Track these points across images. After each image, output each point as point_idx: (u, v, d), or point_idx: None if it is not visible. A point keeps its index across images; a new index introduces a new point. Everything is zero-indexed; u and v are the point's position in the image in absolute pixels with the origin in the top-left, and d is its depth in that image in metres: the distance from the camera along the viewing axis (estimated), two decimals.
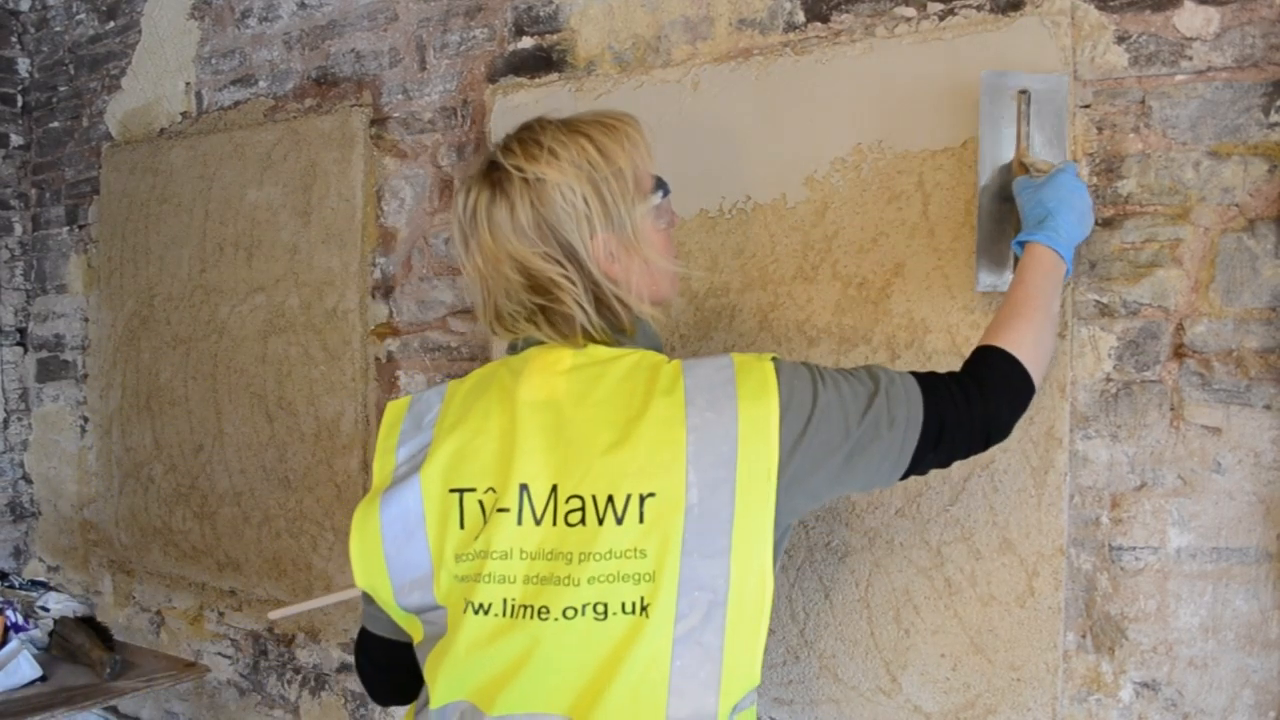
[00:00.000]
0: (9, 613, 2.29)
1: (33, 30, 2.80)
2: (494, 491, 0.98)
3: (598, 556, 0.93)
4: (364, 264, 2.04)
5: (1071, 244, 1.16)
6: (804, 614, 1.51)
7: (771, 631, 1.53)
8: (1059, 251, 1.14)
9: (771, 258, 1.53)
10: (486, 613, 0.96)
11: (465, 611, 0.97)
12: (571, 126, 1.03)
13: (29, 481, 2.87)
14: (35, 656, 2.16)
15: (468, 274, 1.07)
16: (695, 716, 0.93)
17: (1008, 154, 1.29)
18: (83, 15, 2.65)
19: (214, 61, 2.33)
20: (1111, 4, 1.29)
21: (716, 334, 1.58)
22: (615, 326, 1.03)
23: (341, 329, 2.07)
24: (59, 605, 2.58)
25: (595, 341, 1.02)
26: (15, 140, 2.83)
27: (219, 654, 2.38)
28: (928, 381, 1.02)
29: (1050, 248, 1.14)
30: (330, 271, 2.08)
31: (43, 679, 2.12)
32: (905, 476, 1.02)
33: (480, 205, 1.03)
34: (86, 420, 2.67)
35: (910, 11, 1.42)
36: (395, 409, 1.09)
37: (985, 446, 1.06)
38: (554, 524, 0.95)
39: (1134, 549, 1.30)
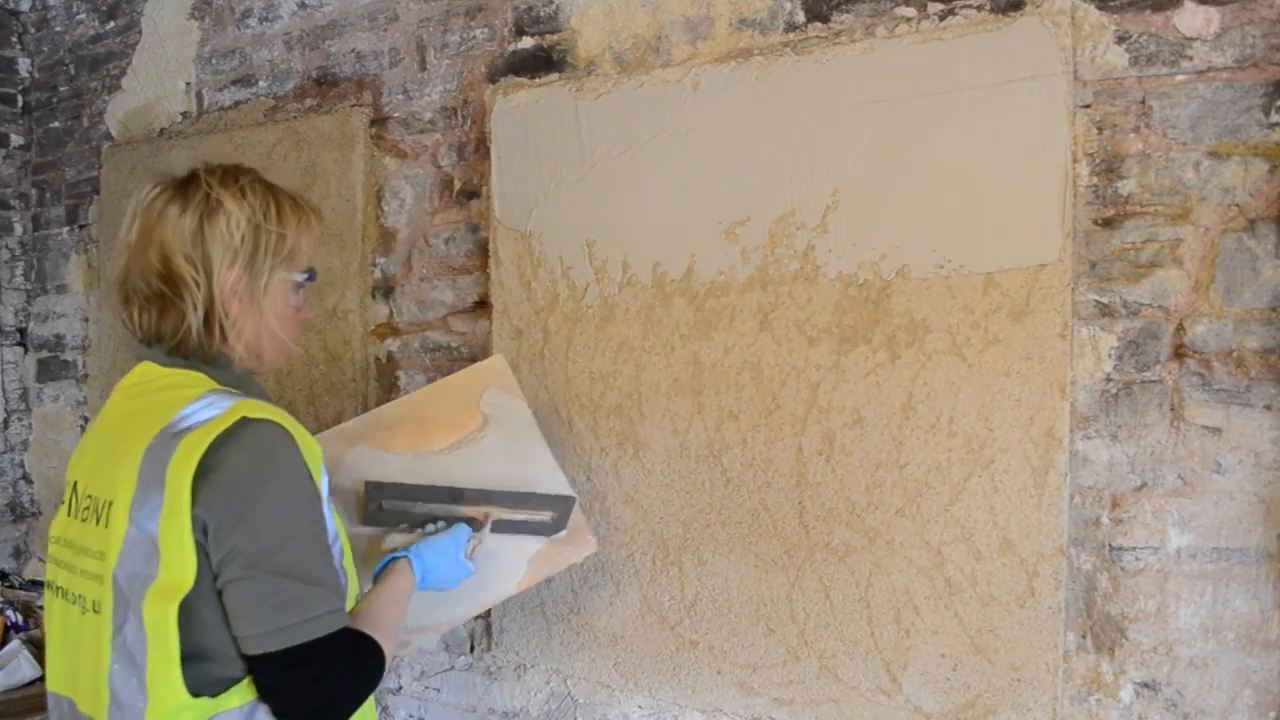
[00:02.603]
0: (9, 613, 2.29)
1: (33, 30, 2.80)
2: (73, 484, 1.15)
3: (84, 551, 1.08)
4: (364, 264, 2.04)
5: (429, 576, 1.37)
6: (804, 614, 1.51)
7: (771, 632, 1.53)
8: (419, 577, 1.34)
9: (773, 258, 1.53)
10: (49, 590, 1.14)
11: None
12: (271, 186, 1.19)
13: (29, 481, 2.87)
14: (35, 656, 2.16)
15: (118, 252, 1.17)
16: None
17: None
18: (83, 15, 2.65)
19: (214, 61, 2.33)
20: (1112, 4, 1.29)
21: (716, 334, 1.58)
22: (208, 348, 1.14)
23: (341, 329, 2.07)
24: None
25: (181, 350, 1.14)
26: (15, 140, 2.83)
27: None
28: (343, 636, 1.07)
29: (415, 571, 1.34)
30: (330, 271, 2.08)
31: (43, 679, 2.12)
32: (250, 667, 1.05)
33: (160, 197, 1.15)
34: (87, 420, 2.67)
35: (910, 11, 1.42)
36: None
37: (312, 716, 1.08)
38: (75, 517, 1.12)
39: (1134, 549, 1.30)
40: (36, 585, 2.71)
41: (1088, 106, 1.31)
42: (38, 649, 2.24)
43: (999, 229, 1.35)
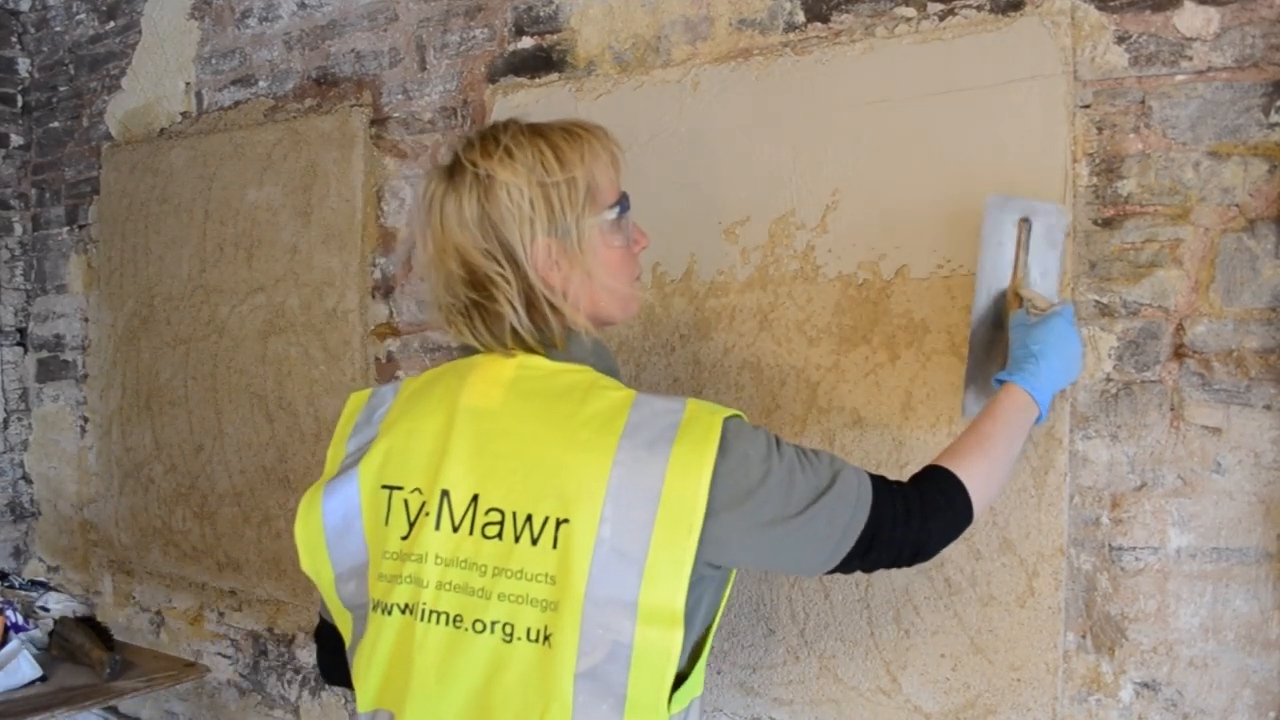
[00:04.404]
0: (9, 613, 2.29)
1: (33, 30, 2.80)
2: (419, 492, 0.99)
3: (510, 574, 0.94)
4: (364, 264, 2.04)
5: (1051, 390, 1.15)
6: (804, 614, 1.51)
7: (771, 632, 1.53)
8: (1035, 396, 1.13)
9: (773, 258, 1.53)
10: (404, 613, 0.98)
11: (383, 612, 1.00)
12: (535, 130, 1.03)
13: (29, 481, 2.87)
14: (35, 656, 2.15)
15: (421, 265, 1.07)
16: None
17: (1004, 282, 1.28)
18: (83, 15, 2.65)
19: (214, 61, 2.33)
20: (1111, 4, 1.29)
21: (717, 334, 1.58)
22: (545, 334, 1.01)
23: (341, 329, 2.07)
24: (59, 605, 2.57)
25: (526, 347, 1.01)
26: (15, 140, 2.83)
27: (219, 654, 2.38)
28: (880, 491, 1.00)
29: (1027, 391, 1.13)
30: (330, 272, 2.08)
31: (43, 679, 2.12)
32: (831, 573, 1.01)
33: (435, 195, 1.03)
34: (86, 420, 2.67)
35: (910, 11, 1.42)
36: (355, 401, 1.12)
37: (910, 564, 1.05)
38: (470, 533, 0.96)
39: (1134, 549, 1.30)
40: (37, 585, 2.71)
41: (1087, 106, 1.31)
42: (38, 649, 2.24)
43: None
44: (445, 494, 0.98)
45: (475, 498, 0.97)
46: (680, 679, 0.98)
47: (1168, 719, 1.29)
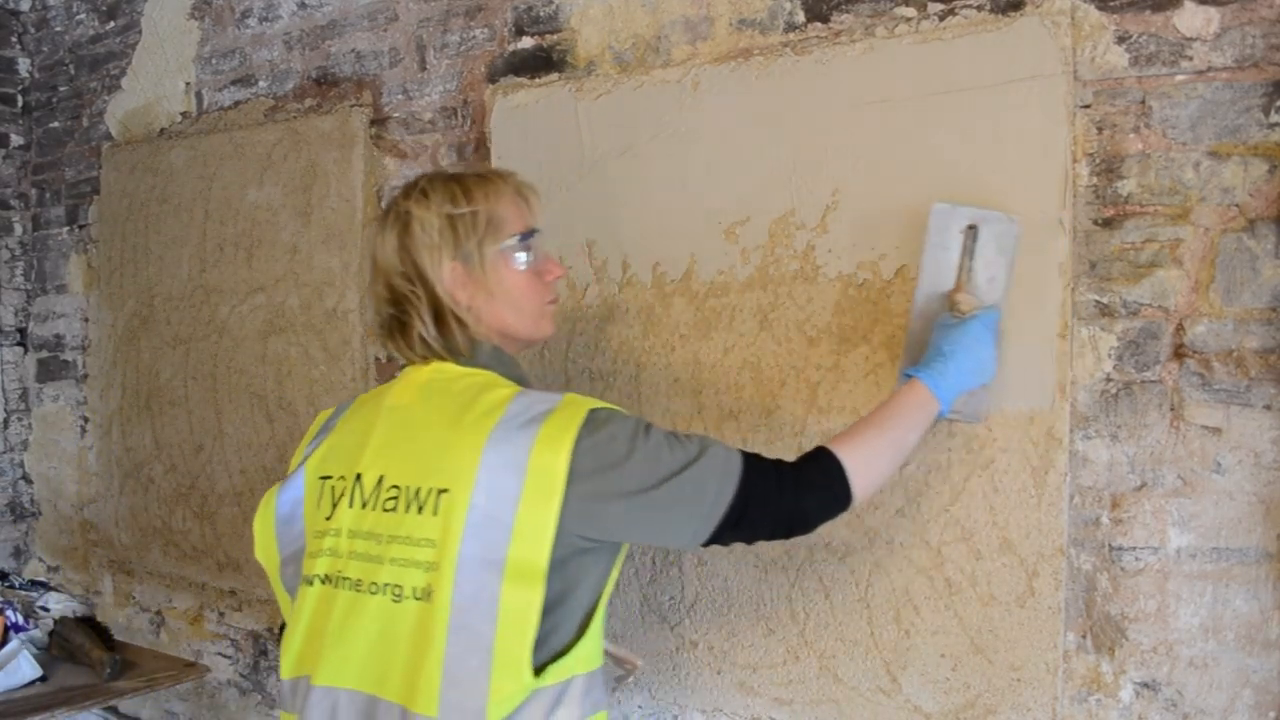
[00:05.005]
0: (9, 613, 2.29)
1: (33, 30, 2.80)
2: (344, 479, 1.15)
3: (399, 540, 1.08)
4: (364, 264, 2.04)
5: (955, 389, 1.22)
6: (804, 614, 1.51)
7: (771, 632, 1.54)
8: (936, 393, 1.20)
9: (773, 258, 1.53)
10: (323, 583, 1.13)
11: (307, 584, 1.14)
12: (451, 175, 1.22)
13: (29, 481, 2.87)
14: (35, 656, 2.16)
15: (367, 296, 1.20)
16: (465, 703, 1.03)
17: (947, 284, 1.31)
18: (83, 15, 2.65)
19: (214, 61, 2.33)
20: (1111, 4, 1.29)
21: (716, 334, 1.58)
22: (451, 343, 1.17)
23: (341, 329, 2.07)
24: (59, 605, 2.58)
25: (438, 356, 1.17)
26: (15, 140, 2.83)
27: (219, 654, 2.38)
28: (751, 465, 1.10)
29: (928, 387, 1.20)
30: (330, 271, 2.08)
31: (43, 679, 2.12)
32: (708, 544, 1.11)
33: (373, 234, 1.23)
34: (86, 420, 2.67)
35: (910, 11, 1.42)
36: (321, 416, 1.30)
37: (788, 535, 1.15)
38: (374, 508, 1.11)
39: (1134, 549, 1.30)
40: (37, 585, 2.71)
41: (1088, 106, 1.31)
42: (38, 649, 2.24)
43: None
44: (359, 477, 1.13)
45: (381, 479, 1.12)
46: (564, 651, 1.08)
47: (1168, 719, 1.29)
